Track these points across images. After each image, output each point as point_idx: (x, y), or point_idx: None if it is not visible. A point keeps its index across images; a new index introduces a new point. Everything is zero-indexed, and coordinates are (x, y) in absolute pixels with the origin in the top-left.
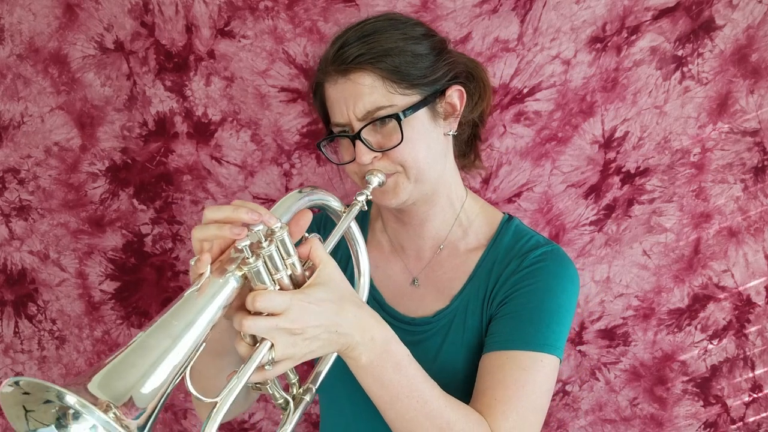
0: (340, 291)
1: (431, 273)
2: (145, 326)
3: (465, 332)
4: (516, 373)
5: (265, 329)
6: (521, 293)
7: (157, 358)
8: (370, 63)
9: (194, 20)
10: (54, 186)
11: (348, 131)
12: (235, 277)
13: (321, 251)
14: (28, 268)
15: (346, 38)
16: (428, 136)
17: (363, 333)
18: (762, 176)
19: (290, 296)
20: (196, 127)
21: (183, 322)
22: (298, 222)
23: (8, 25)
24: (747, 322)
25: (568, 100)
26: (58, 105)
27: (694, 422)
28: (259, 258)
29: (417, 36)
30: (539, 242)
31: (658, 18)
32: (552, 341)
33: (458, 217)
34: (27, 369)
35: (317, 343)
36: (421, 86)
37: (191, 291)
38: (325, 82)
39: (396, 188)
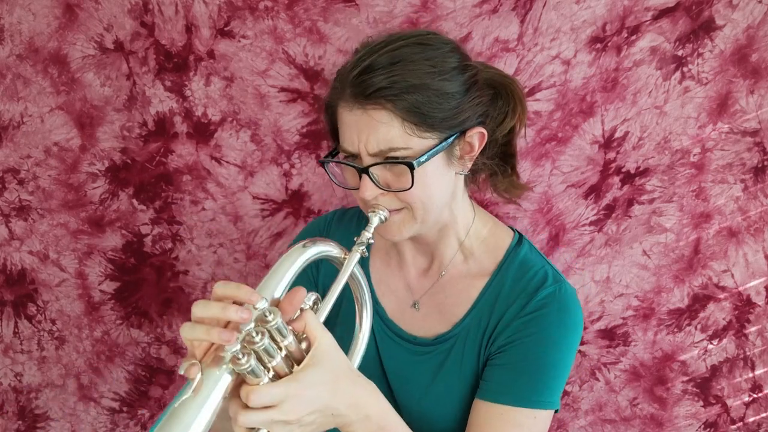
0: (335, 370)
1: (433, 297)
2: None
3: (463, 362)
4: (507, 429)
5: (261, 423)
6: (521, 343)
7: None
8: (392, 101)
9: (194, 20)
10: (54, 186)
11: (356, 160)
12: (228, 371)
13: (315, 326)
14: (28, 269)
15: (371, 62)
16: (439, 180)
17: (358, 411)
18: (762, 176)
19: (284, 387)
20: (195, 127)
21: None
22: (291, 302)
23: (8, 25)
24: (747, 322)
25: (568, 100)
26: (58, 105)
27: (694, 422)
28: (251, 356)
29: (448, 70)
30: (546, 279)
31: (658, 18)
32: (548, 397)
33: (463, 243)
34: (27, 369)
35: (312, 426)
36: (442, 129)
37: (185, 397)
38: (339, 105)
39: (400, 226)
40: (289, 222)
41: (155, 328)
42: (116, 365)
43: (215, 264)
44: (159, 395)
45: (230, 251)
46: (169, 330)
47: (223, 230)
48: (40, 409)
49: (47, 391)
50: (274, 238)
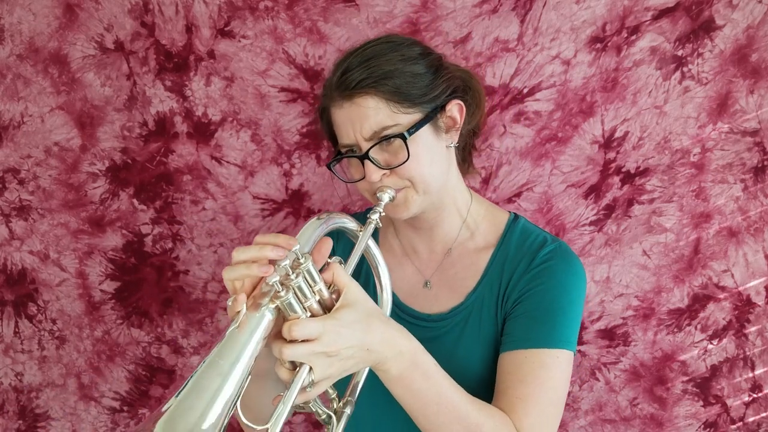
0: (367, 310)
1: (443, 274)
2: (196, 368)
3: (481, 328)
4: (535, 370)
5: (304, 355)
6: (533, 293)
7: (211, 397)
8: (373, 87)
9: (194, 20)
10: (54, 186)
11: (356, 151)
12: (269, 310)
13: (343, 275)
14: (28, 268)
15: (348, 64)
16: (432, 151)
17: (392, 348)
18: (762, 176)
19: (322, 322)
20: (196, 127)
21: (228, 360)
22: (320, 250)
23: (8, 25)
24: (747, 322)
25: (568, 100)
26: (58, 105)
27: (694, 422)
28: (289, 290)
29: (414, 56)
30: (546, 240)
31: (658, 18)
32: (566, 337)
33: (465, 220)
34: (27, 369)
35: (351, 361)
36: (423, 104)
37: (232, 329)
38: (331, 107)
39: (406, 202)
40: (290, 222)
41: (156, 328)
42: (117, 365)
43: (215, 264)
44: (159, 395)
45: (230, 251)
46: (170, 329)
47: (223, 230)
48: (41, 409)
49: (48, 391)
50: None
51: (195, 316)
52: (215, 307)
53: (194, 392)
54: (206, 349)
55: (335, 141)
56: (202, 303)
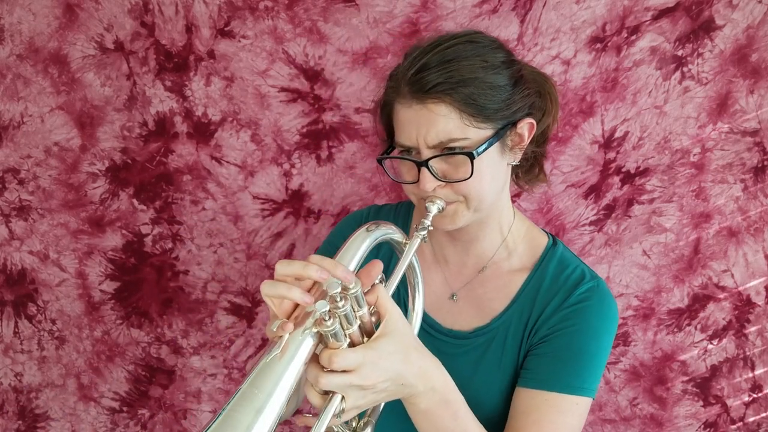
0: (406, 341)
1: (472, 291)
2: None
3: (504, 355)
4: (551, 415)
5: (340, 386)
6: (564, 333)
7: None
8: (449, 94)
9: (194, 20)
10: (54, 186)
11: (412, 153)
12: (312, 335)
13: (387, 300)
14: (28, 268)
15: (426, 61)
16: (493, 169)
17: (425, 383)
18: (762, 176)
19: (362, 354)
20: (196, 127)
21: (265, 392)
22: (369, 273)
23: (8, 25)
24: (747, 322)
25: (568, 100)
26: (58, 105)
27: (694, 422)
28: (336, 319)
29: (497, 64)
30: (584, 275)
31: (658, 18)
32: (589, 384)
33: (505, 239)
34: (27, 369)
35: (384, 394)
36: (496, 120)
37: (273, 356)
38: (397, 102)
39: (455, 215)
40: (289, 222)
41: (155, 328)
42: (116, 365)
43: (215, 264)
44: (159, 395)
45: (230, 251)
46: (169, 330)
47: (223, 230)
48: (41, 409)
49: (47, 391)
50: (274, 237)
51: (195, 316)
52: (215, 307)
53: (226, 426)
54: (206, 349)
55: (390, 134)
56: (202, 303)
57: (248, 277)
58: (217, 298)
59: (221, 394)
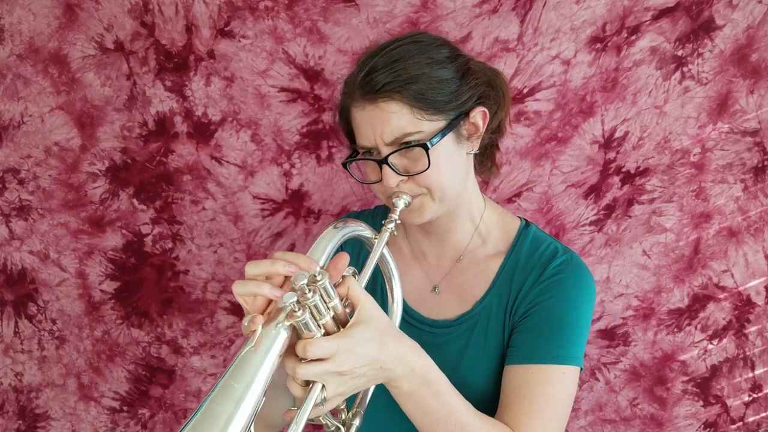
0: (380, 327)
1: (452, 280)
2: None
3: (487, 338)
4: (541, 386)
5: (318, 374)
6: (542, 306)
7: (225, 423)
8: (398, 91)
9: (194, 20)
10: (54, 186)
11: (374, 153)
12: (285, 327)
13: (358, 290)
14: (28, 268)
15: (374, 64)
16: (452, 159)
17: (404, 366)
18: (762, 176)
19: (336, 341)
20: (196, 127)
21: (243, 383)
22: (336, 265)
23: (8, 25)
24: (747, 322)
25: (568, 100)
26: (58, 105)
27: (694, 422)
28: (306, 309)
29: (442, 60)
30: (557, 250)
31: (658, 18)
32: (573, 353)
33: (478, 227)
34: (27, 369)
35: (363, 379)
36: (447, 111)
37: (248, 349)
38: (352, 107)
39: (421, 208)
40: (289, 222)
41: (155, 328)
42: (116, 365)
43: (215, 264)
44: (159, 395)
45: (230, 251)
46: (170, 329)
47: (223, 230)
48: (41, 409)
49: (48, 391)
50: (274, 237)
51: (195, 316)
52: (215, 307)
53: (208, 419)
54: (206, 349)
55: (352, 139)
56: (202, 303)
57: None
58: (217, 298)
59: None
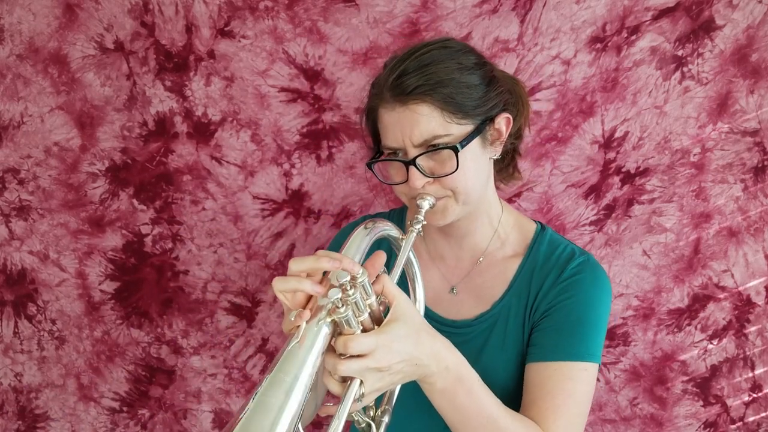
0: (416, 324)
1: (470, 282)
2: (259, 384)
3: (506, 337)
4: (563, 383)
5: (357, 370)
6: (563, 306)
7: (277, 413)
8: (429, 94)
9: (194, 20)
10: (54, 186)
11: (399, 154)
12: (327, 324)
13: (393, 287)
14: (28, 268)
15: (405, 67)
16: (477, 163)
17: (438, 363)
18: (762, 176)
19: (375, 338)
20: (196, 127)
21: (291, 375)
22: (373, 264)
23: (8, 25)
24: (747, 322)
25: (568, 100)
26: (58, 105)
27: (694, 422)
28: (348, 306)
29: (471, 66)
30: (574, 252)
31: (658, 18)
32: (593, 350)
33: (497, 230)
34: (26, 369)
35: (400, 375)
36: (475, 116)
37: (293, 344)
38: (381, 108)
39: (445, 210)
40: (289, 222)
41: (155, 328)
42: (116, 365)
43: (215, 264)
44: (159, 395)
45: (230, 251)
46: (169, 330)
47: (223, 230)
48: (40, 409)
49: (47, 391)
50: (274, 237)
51: (195, 316)
52: (215, 307)
53: (261, 409)
54: (206, 349)
55: (377, 140)
56: (202, 303)
57: (248, 277)
58: (217, 298)
59: (221, 393)
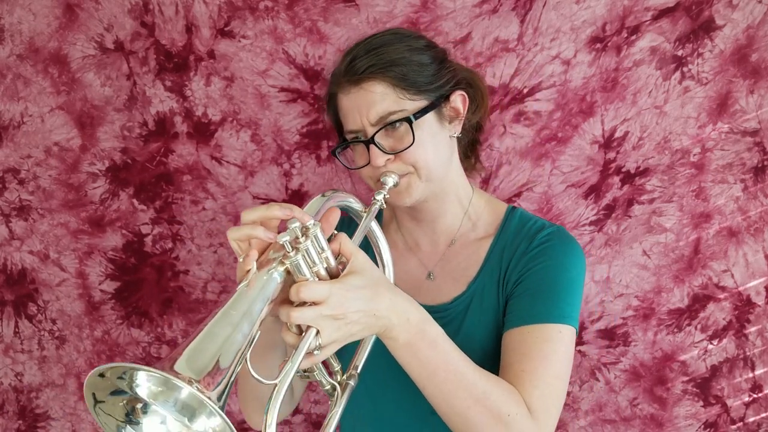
0: (374, 278)
1: (446, 265)
2: (208, 317)
3: (482, 313)
4: (538, 344)
5: (311, 318)
6: (534, 271)
7: (223, 342)
8: (381, 72)
9: (194, 20)
10: (54, 186)
11: (361, 137)
12: (278, 272)
13: (350, 244)
14: (28, 268)
15: (356, 52)
16: (436, 138)
17: (399, 315)
18: (762, 176)
19: (329, 285)
20: (196, 127)
21: (239, 311)
22: (328, 219)
23: (8, 25)
24: (747, 322)
25: (568, 100)
26: (58, 105)
27: (694, 422)
28: (299, 252)
29: (420, 47)
30: (544, 224)
31: (658, 18)
32: (567, 312)
33: (467, 211)
34: (27, 369)
35: (358, 326)
36: (428, 92)
37: (242, 286)
38: (339, 93)
39: (409, 188)
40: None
41: (155, 328)
42: None
43: (215, 264)
44: None
45: (230, 251)
46: (170, 329)
47: (223, 230)
48: (41, 409)
49: (48, 391)
50: None
51: (195, 316)
52: (215, 307)
53: (208, 337)
54: None
55: (341, 129)
56: (202, 303)
57: None
58: (217, 298)
59: None
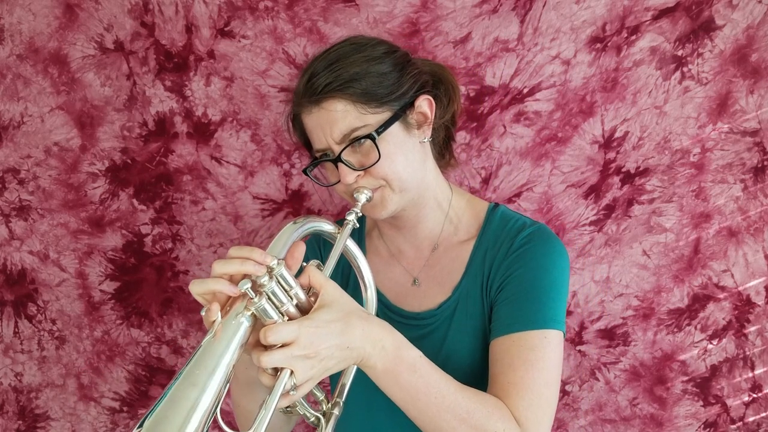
0: (345, 308)
1: (430, 270)
2: (172, 379)
3: (468, 319)
4: (524, 353)
5: (282, 360)
6: (515, 276)
7: (188, 409)
8: (339, 90)
9: (194, 20)
10: (54, 186)
11: (329, 155)
12: (245, 317)
13: (319, 276)
14: (28, 268)
15: (314, 69)
16: (404, 148)
17: (373, 344)
18: (762, 176)
19: (297, 325)
20: (196, 127)
21: (205, 370)
22: (293, 255)
23: (8, 25)
24: (747, 322)
25: (568, 100)
26: (58, 105)
27: (694, 422)
28: (263, 296)
29: (379, 56)
30: (525, 223)
31: (658, 18)
32: (552, 316)
33: (448, 214)
34: (27, 369)
35: (332, 361)
36: (390, 102)
37: (208, 339)
38: (301, 113)
39: (383, 201)
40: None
41: (155, 328)
42: (116, 365)
43: None
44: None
45: None
46: (169, 330)
47: (223, 230)
48: (41, 409)
49: (47, 391)
50: None
51: (195, 316)
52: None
53: (170, 404)
54: None
55: (310, 147)
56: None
57: None
58: None
59: None
